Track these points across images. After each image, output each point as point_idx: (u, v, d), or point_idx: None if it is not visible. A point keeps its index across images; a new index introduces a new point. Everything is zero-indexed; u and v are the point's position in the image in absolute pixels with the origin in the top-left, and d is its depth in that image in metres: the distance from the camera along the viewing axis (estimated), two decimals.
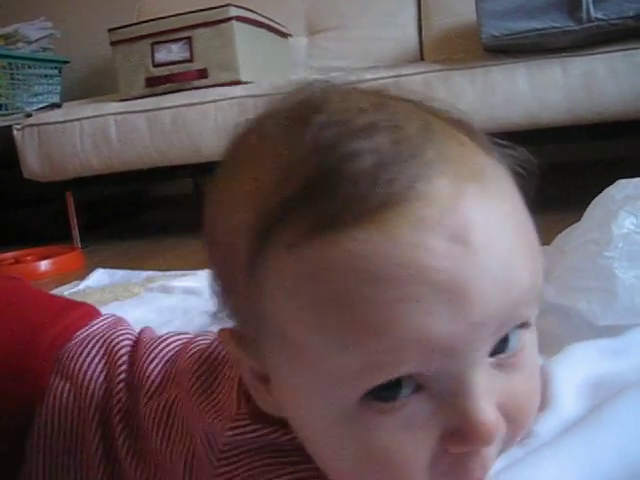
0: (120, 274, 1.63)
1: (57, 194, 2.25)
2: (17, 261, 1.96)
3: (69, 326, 0.59)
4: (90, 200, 2.46)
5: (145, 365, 0.53)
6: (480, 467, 0.35)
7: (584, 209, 0.84)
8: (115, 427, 0.51)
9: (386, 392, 0.32)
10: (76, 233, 2.26)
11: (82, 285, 1.56)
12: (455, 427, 0.33)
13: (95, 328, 0.59)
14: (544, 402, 0.65)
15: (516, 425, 0.36)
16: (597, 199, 0.83)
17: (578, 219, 0.84)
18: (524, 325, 0.36)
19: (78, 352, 0.56)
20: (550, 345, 0.78)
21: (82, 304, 0.66)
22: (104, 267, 1.70)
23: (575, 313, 0.78)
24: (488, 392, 0.33)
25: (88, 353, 0.56)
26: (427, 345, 0.31)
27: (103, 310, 1.11)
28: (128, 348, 0.56)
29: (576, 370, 0.69)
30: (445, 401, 0.33)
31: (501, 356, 0.35)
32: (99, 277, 1.62)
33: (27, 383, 0.54)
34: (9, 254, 2.03)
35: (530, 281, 0.34)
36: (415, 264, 0.30)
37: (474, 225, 0.32)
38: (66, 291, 1.52)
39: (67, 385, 0.54)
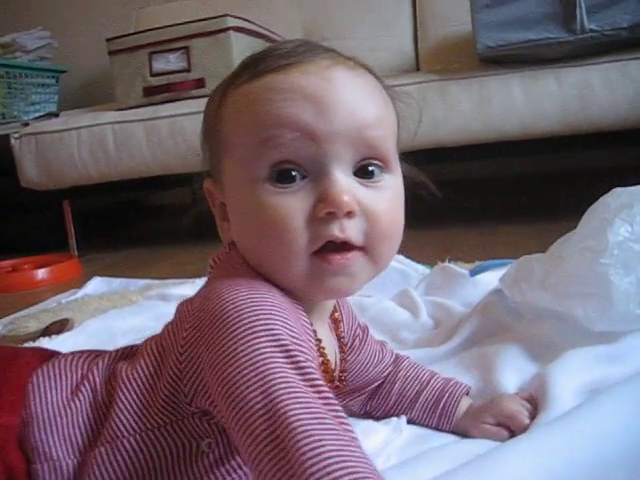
0: (118, 282, 1.64)
1: (54, 203, 2.26)
2: (14, 269, 1.96)
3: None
4: (87, 208, 2.47)
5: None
6: (339, 229, 0.50)
7: (579, 217, 0.85)
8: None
9: (284, 177, 0.50)
10: (73, 241, 2.26)
11: (80, 293, 1.56)
12: (322, 195, 0.50)
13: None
14: (542, 406, 0.66)
15: (375, 229, 0.52)
16: (593, 207, 0.84)
17: (573, 227, 0.85)
18: (383, 164, 0.53)
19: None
20: (546, 351, 0.79)
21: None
22: (102, 275, 1.70)
23: (571, 319, 0.79)
24: (347, 186, 0.50)
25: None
26: (299, 127, 0.50)
27: (101, 317, 1.12)
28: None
29: (573, 376, 0.70)
30: (319, 183, 0.50)
31: (364, 180, 0.52)
32: (97, 285, 1.63)
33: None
34: (6, 262, 2.03)
35: (373, 116, 0.52)
36: (297, 85, 0.51)
37: (338, 75, 0.52)
38: (63, 299, 1.52)
39: None
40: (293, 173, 0.51)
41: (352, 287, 0.54)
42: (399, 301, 1.10)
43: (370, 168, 0.53)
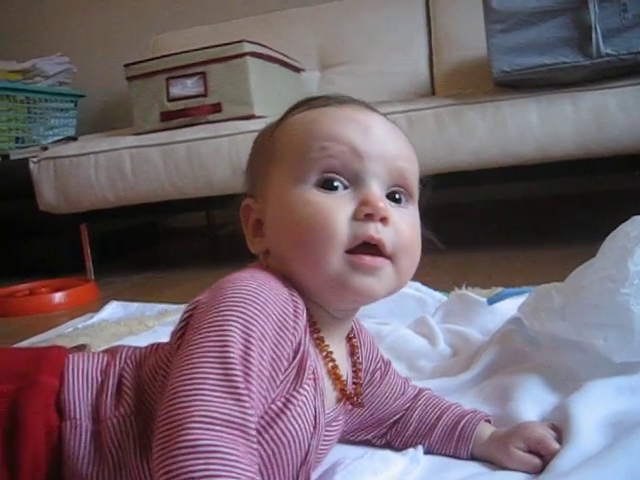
0: (134, 307, 1.64)
1: (72, 226, 2.28)
2: (31, 293, 1.98)
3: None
4: (104, 232, 2.48)
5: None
6: (374, 230, 0.56)
7: (596, 241, 0.84)
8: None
9: (329, 185, 0.57)
10: (90, 265, 2.27)
11: (96, 318, 1.56)
12: (363, 200, 0.57)
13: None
14: (565, 439, 0.65)
15: (400, 241, 0.58)
16: (612, 235, 0.83)
17: (591, 251, 0.85)
18: (408, 194, 0.61)
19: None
20: (566, 381, 0.78)
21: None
22: (118, 299, 1.71)
23: (591, 349, 0.78)
24: (383, 197, 0.58)
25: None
26: (348, 142, 0.58)
27: (117, 344, 1.13)
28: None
29: (594, 408, 0.69)
30: (359, 192, 0.58)
31: (392, 203, 0.59)
32: (113, 310, 1.63)
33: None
34: (23, 286, 2.05)
35: (405, 151, 0.61)
36: (349, 114, 0.60)
37: (378, 117, 0.62)
38: (80, 324, 1.53)
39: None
40: (336, 183, 0.58)
41: (377, 290, 0.58)
42: (416, 329, 1.09)
43: (397, 196, 0.60)
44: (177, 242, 3.10)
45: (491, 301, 1.10)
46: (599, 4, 1.64)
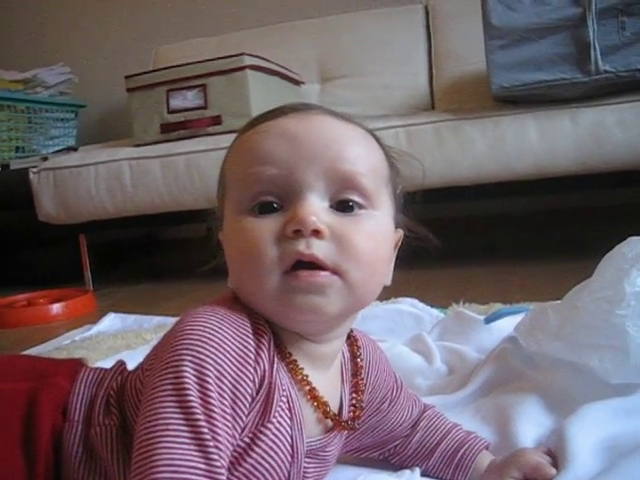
0: (132, 319, 1.64)
1: (71, 237, 2.28)
2: (30, 303, 1.97)
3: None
4: (103, 243, 2.49)
5: None
6: (305, 246, 0.52)
7: (595, 258, 0.85)
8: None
9: (264, 208, 0.55)
10: (89, 275, 2.28)
11: (94, 330, 1.56)
12: (290, 216, 0.53)
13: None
14: (562, 464, 0.65)
15: (346, 252, 0.53)
16: (608, 256, 0.84)
17: (589, 268, 0.85)
18: (364, 199, 0.56)
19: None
20: (562, 402, 0.78)
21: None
22: (116, 311, 1.71)
23: (587, 370, 0.78)
24: (317, 209, 0.54)
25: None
26: (275, 162, 0.54)
27: (114, 358, 1.13)
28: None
29: (590, 432, 0.69)
30: (291, 208, 0.54)
31: (341, 213, 0.55)
32: (111, 322, 1.63)
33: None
34: (22, 296, 2.05)
35: (349, 151, 0.56)
36: (279, 126, 0.56)
37: (320, 118, 0.57)
38: (78, 336, 1.52)
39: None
40: (275, 205, 0.55)
41: (325, 308, 0.54)
42: (413, 346, 1.09)
43: (350, 203, 0.56)
44: (176, 253, 3.10)
45: (488, 320, 1.11)
46: (598, 21, 1.65)
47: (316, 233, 0.52)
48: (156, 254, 3.14)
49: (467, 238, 2.43)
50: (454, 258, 1.94)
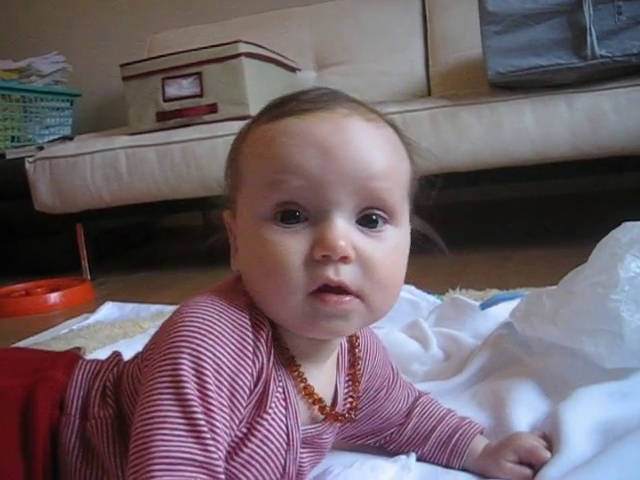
0: (129, 308, 1.64)
1: (68, 226, 2.28)
2: (27, 293, 1.98)
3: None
4: (100, 232, 2.48)
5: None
6: (333, 272, 0.52)
7: (590, 243, 0.85)
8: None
9: (287, 217, 0.53)
10: (86, 264, 2.28)
11: (92, 319, 1.56)
12: (319, 238, 0.52)
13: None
14: (556, 447, 0.66)
15: (370, 277, 0.53)
16: (603, 241, 0.84)
17: (585, 253, 0.85)
18: (388, 216, 0.55)
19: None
20: (557, 386, 0.78)
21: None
22: (114, 300, 1.71)
23: (582, 355, 0.78)
24: (346, 232, 0.52)
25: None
26: (304, 174, 0.52)
27: (111, 347, 1.14)
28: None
29: (585, 415, 0.69)
30: (318, 227, 0.52)
31: (366, 229, 0.54)
32: (108, 311, 1.63)
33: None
34: (19, 286, 2.05)
35: (381, 167, 0.53)
36: (310, 132, 0.53)
37: (352, 125, 0.54)
38: (75, 325, 1.53)
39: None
40: (297, 214, 0.53)
41: (346, 330, 0.56)
42: (409, 332, 1.09)
43: (374, 217, 0.54)
44: (173, 242, 3.10)
45: (484, 306, 1.11)
46: (594, 6, 1.65)
47: (345, 259, 0.52)
48: (153, 243, 3.14)
49: (463, 224, 2.43)
50: (450, 244, 1.93)
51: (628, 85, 1.71)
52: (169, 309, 1.53)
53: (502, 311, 1.04)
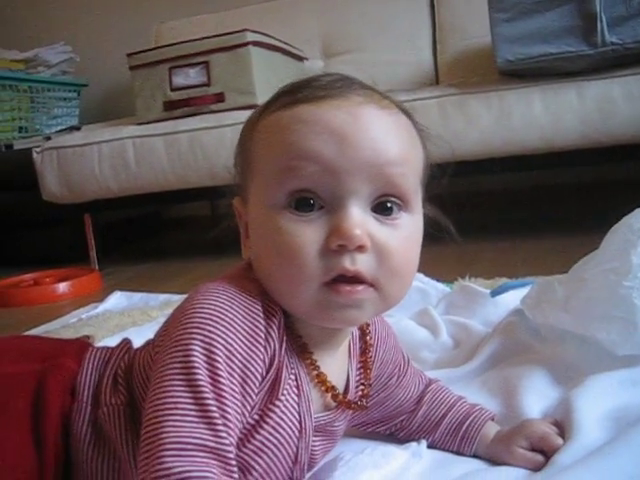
0: (138, 297, 1.65)
1: (75, 216, 2.28)
2: (36, 283, 1.98)
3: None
4: (108, 222, 2.49)
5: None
6: (350, 262, 0.51)
7: (600, 231, 0.84)
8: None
9: (301, 205, 0.52)
10: (94, 254, 2.28)
11: (100, 308, 1.57)
12: (335, 228, 0.51)
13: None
14: (568, 434, 0.65)
15: (385, 265, 0.53)
16: (615, 227, 0.83)
17: (594, 242, 0.84)
18: (402, 203, 0.54)
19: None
20: (569, 374, 0.78)
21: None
22: (122, 289, 1.71)
23: (594, 342, 0.78)
24: (361, 220, 0.52)
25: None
26: (320, 161, 0.51)
27: (121, 335, 1.14)
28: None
29: (597, 402, 0.69)
30: (334, 215, 0.52)
31: (381, 216, 0.53)
32: (117, 300, 1.64)
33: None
34: (28, 276, 2.06)
35: (396, 154, 0.53)
36: (325, 119, 0.52)
37: (366, 112, 0.53)
38: (84, 314, 1.53)
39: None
40: (311, 202, 0.52)
41: (360, 319, 0.56)
42: (419, 320, 1.09)
43: (388, 204, 0.54)
44: (181, 232, 3.10)
45: (494, 293, 1.10)
46: None
47: (362, 248, 0.51)
48: (161, 233, 3.14)
49: (472, 213, 2.42)
50: (459, 233, 1.93)
51: (639, 72, 1.69)
52: (177, 298, 1.53)
53: (512, 298, 1.04)
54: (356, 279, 0.52)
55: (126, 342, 0.67)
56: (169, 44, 2.19)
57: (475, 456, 0.71)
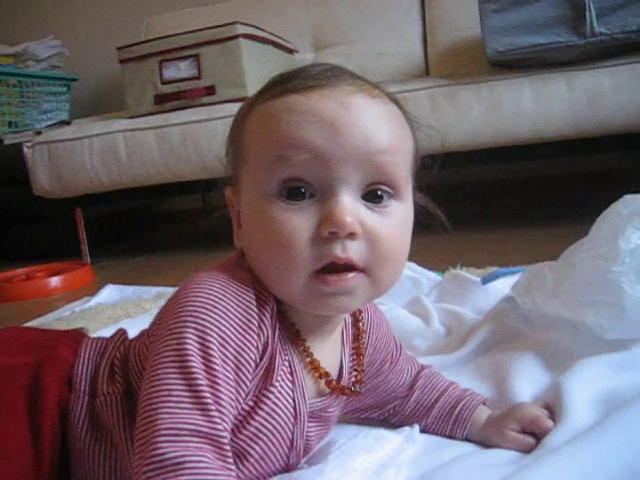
0: (130, 290, 1.65)
1: (67, 210, 2.27)
2: (28, 277, 1.98)
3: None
4: (100, 216, 2.48)
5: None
6: (341, 249, 0.52)
7: (590, 221, 0.85)
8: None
9: (292, 194, 0.53)
10: (86, 249, 2.27)
11: (93, 301, 1.57)
12: (326, 215, 0.52)
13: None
14: (558, 417, 0.66)
15: (376, 251, 0.53)
16: (604, 214, 0.84)
17: (584, 231, 0.85)
18: (393, 190, 0.55)
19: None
20: (559, 359, 0.79)
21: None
22: (114, 283, 1.71)
23: (583, 327, 0.79)
24: (352, 208, 0.52)
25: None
26: (311, 149, 0.52)
27: (114, 327, 1.14)
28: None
29: (586, 385, 0.70)
30: (325, 203, 0.52)
31: (371, 204, 0.54)
32: (110, 293, 1.64)
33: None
34: (20, 270, 2.05)
35: (387, 142, 0.54)
36: (315, 108, 0.53)
37: (357, 101, 0.53)
38: (77, 307, 1.53)
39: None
40: (302, 190, 0.53)
41: (352, 306, 0.56)
42: (411, 308, 1.10)
43: (379, 192, 0.54)
44: (173, 225, 3.10)
45: (485, 281, 1.11)
46: None
47: (353, 235, 0.52)
48: (153, 226, 3.14)
49: (463, 204, 2.44)
50: (450, 224, 1.94)
51: (628, 62, 1.71)
52: (170, 291, 1.53)
53: (503, 286, 1.05)
54: (347, 267, 0.52)
55: (122, 332, 0.68)
56: (159, 37, 2.18)
57: (467, 440, 0.72)
